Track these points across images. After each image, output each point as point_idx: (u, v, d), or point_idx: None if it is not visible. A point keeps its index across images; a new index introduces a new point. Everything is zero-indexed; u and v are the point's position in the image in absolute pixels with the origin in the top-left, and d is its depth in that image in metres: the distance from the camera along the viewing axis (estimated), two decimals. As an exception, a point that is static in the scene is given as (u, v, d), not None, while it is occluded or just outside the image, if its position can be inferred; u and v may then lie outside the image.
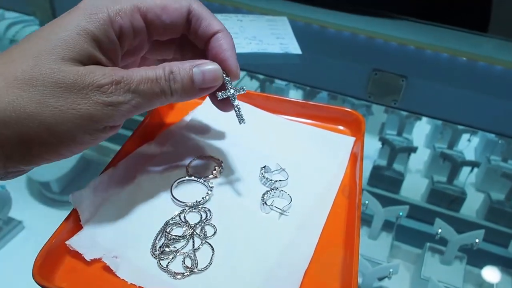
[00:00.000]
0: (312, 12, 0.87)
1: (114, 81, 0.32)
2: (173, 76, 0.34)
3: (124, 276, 0.33)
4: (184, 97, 0.36)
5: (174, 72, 0.34)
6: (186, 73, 0.35)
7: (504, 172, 0.83)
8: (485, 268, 0.72)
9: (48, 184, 0.80)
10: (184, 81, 0.35)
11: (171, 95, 0.35)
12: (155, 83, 0.34)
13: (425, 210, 0.79)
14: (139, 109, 0.34)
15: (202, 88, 0.36)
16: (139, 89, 0.33)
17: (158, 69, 0.34)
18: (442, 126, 0.92)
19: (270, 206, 0.40)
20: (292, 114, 0.51)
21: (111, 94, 0.32)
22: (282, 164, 0.44)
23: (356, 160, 0.45)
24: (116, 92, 0.32)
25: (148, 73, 0.34)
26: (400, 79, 0.72)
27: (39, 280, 0.32)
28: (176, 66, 0.35)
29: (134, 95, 0.33)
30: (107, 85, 0.32)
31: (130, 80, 0.33)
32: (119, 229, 0.37)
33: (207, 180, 0.42)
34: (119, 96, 0.32)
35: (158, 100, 0.34)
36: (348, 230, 0.38)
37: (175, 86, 0.34)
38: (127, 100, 0.32)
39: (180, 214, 0.39)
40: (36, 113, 0.30)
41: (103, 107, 0.31)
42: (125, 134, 0.83)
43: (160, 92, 0.34)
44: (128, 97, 0.32)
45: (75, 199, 0.37)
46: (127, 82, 0.32)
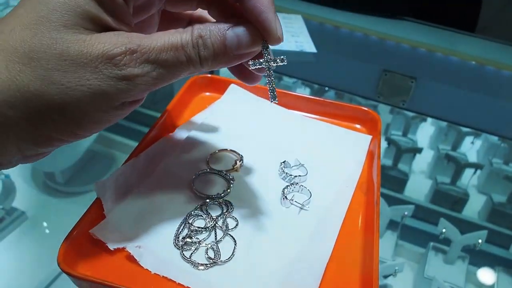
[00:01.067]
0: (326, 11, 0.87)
1: (128, 50, 0.27)
2: (203, 41, 0.29)
3: (147, 266, 0.33)
4: (216, 65, 0.31)
5: (204, 36, 0.29)
6: (218, 37, 0.30)
7: (506, 174, 0.84)
8: (487, 269, 0.73)
9: (53, 175, 0.80)
10: (216, 46, 0.30)
11: (201, 64, 0.30)
12: (180, 50, 0.29)
13: (429, 210, 0.80)
14: (162, 81, 0.29)
15: (236, 55, 0.31)
16: (160, 58, 0.28)
17: (185, 33, 0.29)
18: (447, 127, 0.93)
19: (291, 201, 0.40)
20: (309, 111, 0.51)
21: (125, 66, 0.27)
22: (301, 160, 0.44)
23: (373, 158, 0.45)
24: (131, 63, 0.28)
25: (172, 39, 0.29)
26: (410, 80, 0.73)
27: (64, 267, 0.32)
28: (206, 29, 0.29)
29: (154, 65, 0.28)
30: (120, 56, 0.27)
31: (148, 48, 0.28)
32: (142, 219, 0.37)
33: (227, 173, 0.42)
34: (135, 68, 0.28)
35: (185, 70, 0.30)
36: (367, 226, 0.39)
37: (205, 53, 0.29)
38: (145, 72, 0.28)
39: (202, 206, 0.39)
40: (41, 91, 0.26)
41: (117, 81, 0.27)
42: (141, 130, 0.85)
43: (187, 61, 0.29)
44: (146, 69, 0.28)
45: (99, 188, 0.37)
46: (144, 51, 0.28)
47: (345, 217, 0.40)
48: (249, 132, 0.48)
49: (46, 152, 0.30)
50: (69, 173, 0.81)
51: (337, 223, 0.39)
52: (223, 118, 0.49)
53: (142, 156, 0.42)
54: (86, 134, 0.30)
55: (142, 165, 0.41)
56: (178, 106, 0.49)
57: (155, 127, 0.45)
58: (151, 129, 0.45)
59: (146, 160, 0.42)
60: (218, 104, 0.51)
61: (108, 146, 0.86)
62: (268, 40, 0.31)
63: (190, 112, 0.50)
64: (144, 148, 0.43)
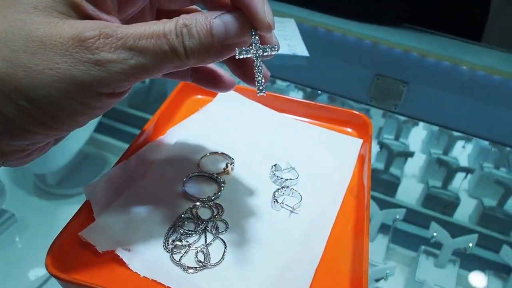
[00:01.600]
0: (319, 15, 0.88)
1: (103, 33, 0.25)
2: (188, 30, 0.27)
3: (137, 269, 0.33)
4: (203, 57, 0.28)
5: (189, 25, 0.27)
6: (204, 26, 0.27)
7: (496, 179, 0.84)
8: (477, 272, 0.73)
9: (43, 177, 0.80)
10: (202, 35, 0.27)
11: (186, 55, 0.27)
12: (162, 38, 0.27)
13: (420, 214, 0.81)
14: (142, 72, 0.27)
15: (225, 45, 0.28)
16: (139, 45, 0.26)
17: (169, 22, 0.27)
18: (438, 132, 0.93)
19: (281, 204, 0.40)
20: (301, 114, 0.51)
21: (98, 50, 0.25)
22: (292, 163, 0.44)
23: (363, 161, 0.46)
24: (105, 47, 0.25)
25: (154, 27, 0.27)
26: (402, 84, 0.73)
27: (52, 271, 0.31)
28: (192, 18, 0.27)
29: (132, 53, 0.26)
30: (93, 39, 0.25)
31: (126, 34, 0.26)
32: (132, 222, 0.37)
33: (218, 176, 0.42)
34: (109, 53, 0.25)
35: (169, 62, 0.27)
36: (357, 229, 0.39)
37: (191, 43, 0.27)
38: (121, 59, 0.26)
39: (192, 209, 0.39)
40: (7, 74, 0.24)
41: (89, 66, 0.25)
42: (133, 132, 0.84)
43: (171, 50, 0.27)
44: (123, 55, 0.26)
45: (89, 191, 0.37)
46: (121, 36, 0.26)
47: (335, 220, 0.40)
48: (241, 135, 0.48)
49: (27, 150, 0.29)
50: (60, 175, 0.80)
51: (328, 227, 0.39)
52: (215, 121, 0.49)
53: (133, 158, 0.42)
54: (63, 128, 0.28)
55: (133, 168, 0.41)
56: (170, 108, 0.49)
57: (147, 130, 0.45)
58: (142, 131, 0.45)
59: (136, 162, 0.42)
60: (210, 107, 0.51)
61: (100, 148, 0.86)
62: (257, 27, 0.29)
63: (182, 115, 0.50)
64: (135, 151, 0.43)
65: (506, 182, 0.83)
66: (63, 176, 0.81)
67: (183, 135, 0.46)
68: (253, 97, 0.51)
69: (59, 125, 0.27)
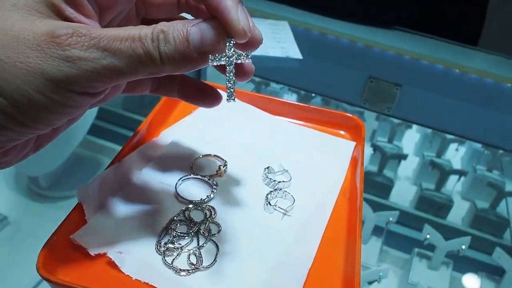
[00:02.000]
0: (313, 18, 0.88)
1: (76, 32, 0.26)
2: (164, 36, 0.27)
3: (129, 272, 0.33)
4: (179, 63, 0.28)
5: (166, 31, 0.27)
6: (180, 32, 0.28)
7: (489, 181, 0.85)
8: (471, 274, 0.73)
9: (36, 179, 0.79)
10: (178, 41, 0.28)
11: (161, 61, 0.28)
12: (137, 41, 0.27)
13: (413, 216, 0.81)
14: (115, 74, 0.27)
15: (201, 52, 0.29)
16: (113, 46, 0.26)
17: (146, 27, 0.27)
18: (431, 134, 0.94)
19: (274, 206, 0.40)
20: (294, 117, 0.51)
21: (69, 46, 0.25)
22: (285, 166, 0.44)
23: (356, 164, 0.46)
24: (76, 45, 0.26)
25: (130, 31, 0.27)
26: (395, 87, 0.73)
27: (43, 273, 0.31)
28: (170, 25, 0.28)
29: (105, 53, 0.26)
30: (65, 35, 0.25)
31: (99, 34, 0.26)
32: (124, 225, 0.37)
33: (211, 178, 0.42)
34: (81, 51, 0.26)
35: (144, 67, 0.27)
36: (350, 232, 0.39)
37: (166, 49, 0.27)
38: (92, 58, 0.26)
39: (185, 212, 0.39)
40: None
41: (59, 62, 0.25)
42: (127, 134, 0.84)
43: (145, 55, 0.27)
44: (95, 54, 0.26)
45: (81, 193, 0.37)
46: (94, 36, 0.26)
47: (328, 222, 0.40)
48: (234, 137, 0.48)
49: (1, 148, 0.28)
50: (53, 177, 0.80)
51: (320, 229, 0.39)
52: (208, 124, 0.49)
53: (125, 160, 0.42)
54: (34, 125, 0.27)
55: (125, 170, 0.41)
56: (163, 110, 0.49)
57: (140, 132, 0.45)
58: (135, 133, 0.45)
59: (129, 164, 0.42)
60: (203, 109, 0.51)
61: (94, 150, 0.86)
62: (232, 34, 0.29)
63: (175, 117, 0.50)
64: (128, 153, 0.43)
65: (498, 184, 0.84)
66: (56, 178, 0.80)
67: (176, 137, 0.46)
68: (246, 99, 0.51)
69: (30, 121, 0.27)
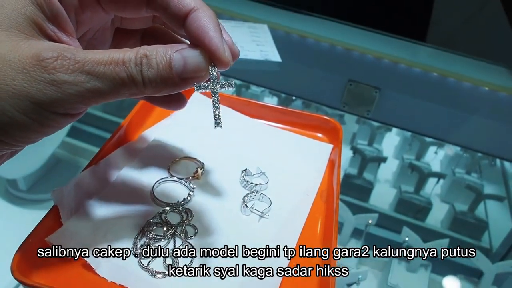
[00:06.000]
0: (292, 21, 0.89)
1: (61, 55, 0.26)
2: (148, 60, 0.28)
3: (104, 274, 0.33)
4: (160, 88, 0.29)
5: (149, 56, 0.28)
6: (164, 58, 0.28)
7: (467, 184, 0.86)
8: (449, 277, 0.74)
9: (15, 182, 0.79)
10: (161, 67, 0.28)
11: (143, 84, 0.28)
12: (121, 66, 0.27)
13: (393, 219, 0.82)
14: (99, 96, 0.28)
15: (183, 78, 0.29)
16: (97, 70, 0.27)
17: (130, 51, 0.28)
18: (411, 138, 0.95)
19: (251, 209, 0.40)
20: (272, 120, 0.52)
21: (54, 70, 0.26)
22: (263, 168, 0.45)
23: (333, 166, 0.46)
24: (61, 69, 0.26)
25: (113, 54, 0.27)
26: (374, 90, 0.74)
27: (17, 276, 0.31)
28: (153, 50, 0.28)
29: (89, 77, 0.27)
30: (51, 59, 0.26)
31: (84, 58, 0.27)
32: (100, 227, 0.37)
33: (188, 181, 0.42)
34: (65, 75, 0.26)
35: (126, 89, 0.28)
36: (326, 233, 0.39)
37: (149, 73, 0.28)
38: (77, 81, 0.26)
39: (161, 214, 0.39)
40: None
41: (44, 86, 0.26)
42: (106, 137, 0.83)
43: (128, 78, 0.28)
44: (80, 78, 0.26)
45: (56, 196, 0.37)
46: (79, 60, 0.26)
47: (305, 224, 0.40)
48: (211, 140, 0.48)
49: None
50: (32, 180, 0.79)
51: (297, 230, 0.39)
52: (185, 126, 0.49)
53: (102, 163, 0.41)
54: (13, 143, 0.28)
55: (102, 172, 0.41)
56: (141, 113, 0.49)
57: (117, 134, 0.45)
58: (112, 135, 0.45)
59: (106, 167, 0.41)
60: (181, 112, 0.50)
61: (73, 152, 0.85)
62: (216, 64, 0.30)
63: (153, 120, 0.50)
64: (105, 155, 0.42)
65: (477, 187, 0.85)
66: (34, 181, 0.80)
67: (154, 140, 0.46)
68: (224, 102, 0.51)
69: (9, 140, 0.27)
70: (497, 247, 0.81)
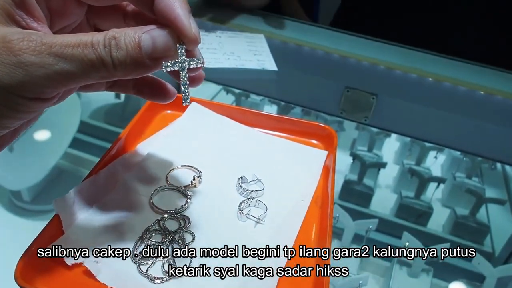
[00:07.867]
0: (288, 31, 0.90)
1: (26, 37, 0.26)
2: (116, 42, 0.28)
3: (104, 280, 0.34)
4: (131, 69, 0.29)
5: (118, 38, 0.28)
6: (132, 39, 0.29)
7: (468, 188, 0.86)
8: (451, 281, 0.74)
9: (19, 193, 0.80)
10: (130, 48, 0.28)
11: (113, 66, 0.28)
12: (89, 47, 0.27)
13: (394, 224, 0.82)
14: (67, 79, 0.27)
15: (152, 58, 0.29)
16: (65, 52, 0.27)
17: (98, 34, 0.28)
18: (410, 143, 0.95)
19: (247, 215, 0.41)
20: (268, 127, 0.52)
21: (21, 51, 0.26)
22: (258, 175, 0.45)
23: (328, 172, 0.47)
24: (27, 49, 0.26)
25: (82, 37, 0.27)
26: (371, 96, 0.75)
27: (21, 283, 0.32)
28: (121, 32, 0.29)
29: (57, 59, 0.26)
30: (16, 40, 0.26)
31: (51, 40, 0.26)
32: (100, 235, 0.37)
33: (186, 189, 0.43)
34: (32, 56, 0.26)
35: (96, 71, 0.28)
36: (321, 237, 0.40)
37: (118, 54, 0.28)
38: (44, 63, 0.26)
39: (160, 221, 0.40)
40: None
41: (11, 69, 0.26)
42: (104, 146, 0.85)
43: (97, 60, 0.28)
44: (47, 60, 0.26)
45: (58, 205, 0.38)
46: (47, 42, 0.26)
47: (300, 229, 0.41)
48: (209, 149, 0.49)
49: None
50: (35, 191, 0.80)
51: (292, 236, 0.40)
52: (183, 136, 0.50)
53: (102, 172, 0.42)
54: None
55: (102, 182, 0.42)
56: (140, 123, 0.50)
57: (117, 144, 0.46)
58: (112, 146, 0.46)
59: (106, 176, 0.42)
60: (179, 122, 0.52)
61: (76, 163, 0.86)
62: (184, 41, 0.31)
63: (152, 130, 0.51)
64: (105, 165, 0.43)
65: (478, 191, 0.85)
66: (38, 192, 0.81)
67: (152, 149, 0.47)
68: (221, 111, 0.52)
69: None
70: (500, 250, 0.81)
